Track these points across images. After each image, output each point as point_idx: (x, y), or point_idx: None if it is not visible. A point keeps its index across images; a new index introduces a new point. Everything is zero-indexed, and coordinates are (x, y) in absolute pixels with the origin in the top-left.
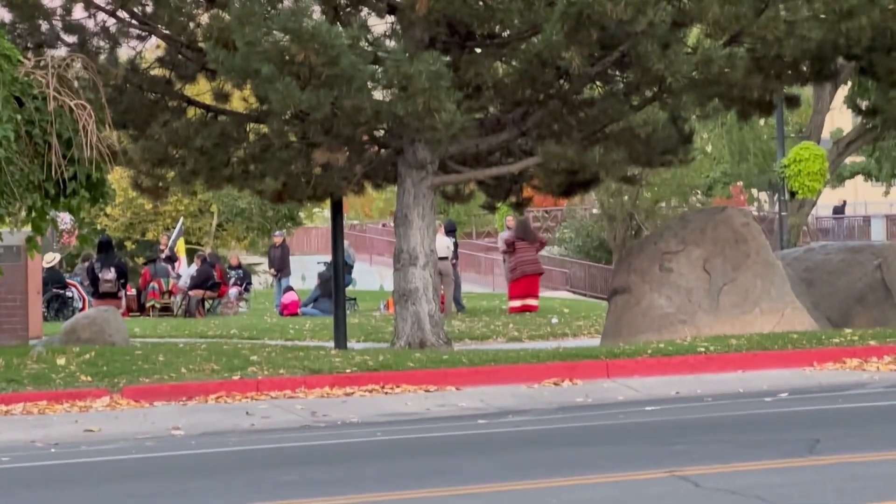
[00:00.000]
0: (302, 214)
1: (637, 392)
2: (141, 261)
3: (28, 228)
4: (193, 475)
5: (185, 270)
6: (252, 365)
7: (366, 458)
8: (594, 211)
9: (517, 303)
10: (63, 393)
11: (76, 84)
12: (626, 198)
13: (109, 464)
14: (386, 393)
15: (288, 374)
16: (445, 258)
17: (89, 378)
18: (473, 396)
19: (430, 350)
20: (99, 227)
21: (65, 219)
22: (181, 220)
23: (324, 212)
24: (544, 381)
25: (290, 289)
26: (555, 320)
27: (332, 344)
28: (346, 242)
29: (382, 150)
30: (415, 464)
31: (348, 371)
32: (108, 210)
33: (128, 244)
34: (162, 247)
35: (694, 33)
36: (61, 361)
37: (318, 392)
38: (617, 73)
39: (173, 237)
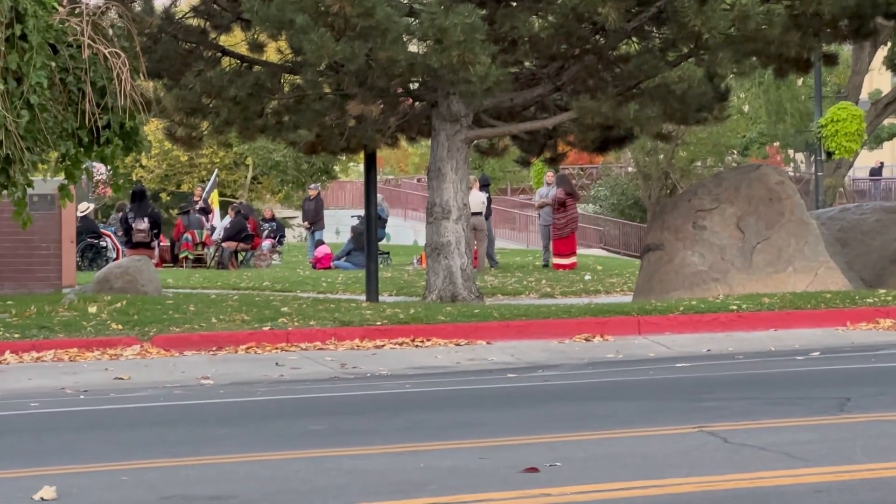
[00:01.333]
0: (337, 168)
1: (668, 349)
2: (175, 212)
3: (61, 176)
4: (220, 423)
5: (219, 222)
6: (283, 316)
7: (394, 409)
8: (630, 169)
9: (568, 260)
10: (94, 341)
11: (111, 32)
12: (661, 156)
13: (137, 411)
14: (416, 346)
15: (318, 325)
16: (479, 213)
17: (120, 326)
18: (504, 351)
19: (461, 304)
20: (134, 178)
21: (100, 169)
22: (216, 171)
23: (358, 166)
24: (575, 336)
25: (321, 242)
26: (588, 277)
27: (363, 297)
28: (379, 196)
29: (417, 103)
30: (442, 416)
31: (379, 324)
32: (144, 161)
33: (163, 196)
34: (196, 198)
35: None
36: (93, 309)
37: (349, 344)
38: (653, 28)
39: (207, 189)
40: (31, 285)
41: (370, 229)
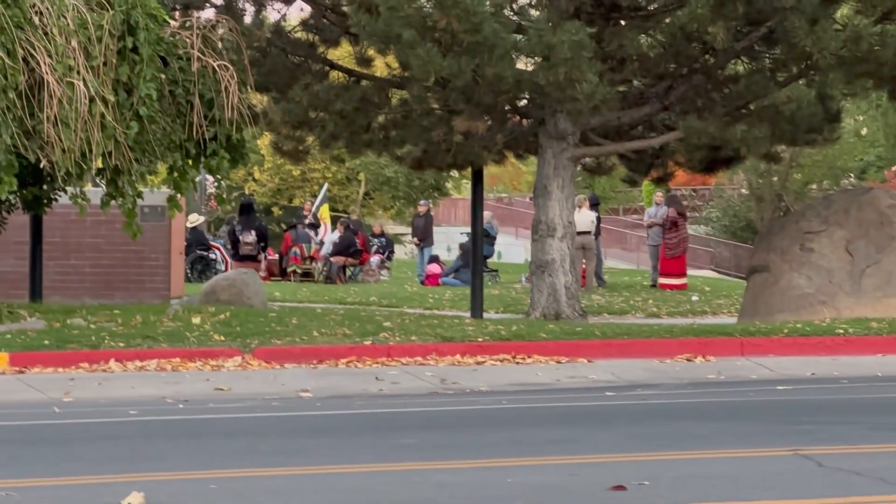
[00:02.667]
0: (449, 185)
1: (771, 371)
2: (283, 226)
3: (171, 188)
4: (314, 435)
5: (329, 237)
6: (384, 331)
7: (488, 425)
8: (742, 191)
9: (677, 280)
10: (196, 351)
11: (220, 45)
12: (775, 178)
13: (233, 421)
14: (517, 363)
15: (420, 341)
16: (588, 232)
17: (222, 338)
18: (605, 369)
19: (563, 322)
20: (247, 191)
21: (213, 182)
22: (325, 186)
23: (466, 182)
24: (677, 356)
25: (436, 258)
26: (695, 298)
27: (469, 314)
28: (488, 214)
29: (524, 120)
30: (536, 432)
31: (480, 340)
32: (257, 175)
33: (275, 210)
34: (305, 212)
35: (843, 10)
36: (196, 320)
37: (449, 360)
38: (763, 48)
39: (317, 203)
40: (140, 296)
41: (476, 246)
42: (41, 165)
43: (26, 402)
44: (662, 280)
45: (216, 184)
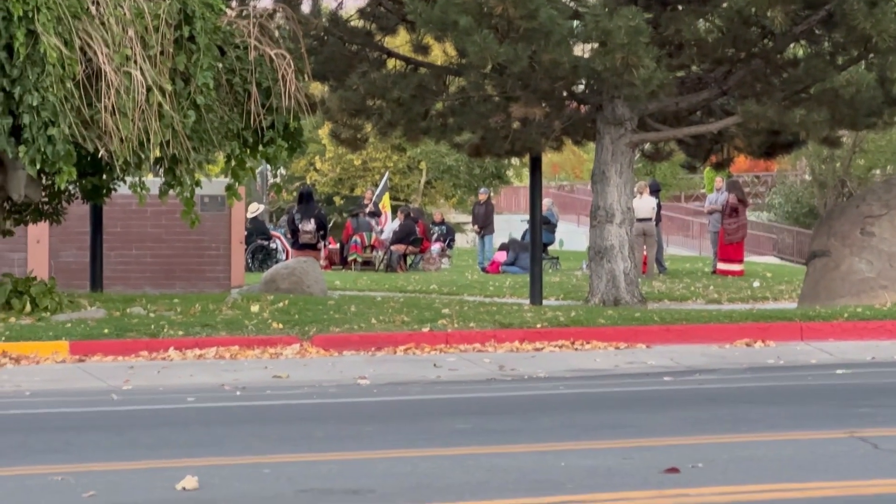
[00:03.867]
0: (510, 173)
1: (831, 355)
2: (344, 215)
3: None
4: (369, 421)
5: (389, 225)
6: (443, 318)
7: (544, 410)
8: (805, 177)
9: (736, 266)
10: (255, 339)
11: (277, 34)
12: (838, 164)
13: (289, 407)
14: (576, 349)
15: (478, 327)
16: (649, 219)
17: (281, 326)
18: (663, 354)
19: (622, 308)
20: (308, 181)
21: (277, 173)
22: (386, 175)
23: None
24: (736, 341)
25: (505, 246)
26: (756, 284)
27: (528, 301)
28: (548, 201)
29: (582, 107)
30: (591, 417)
31: (538, 326)
32: (318, 165)
33: (336, 199)
34: (366, 201)
35: None
36: (255, 309)
37: (508, 346)
38: (822, 32)
39: (378, 192)
40: (200, 285)
41: (534, 233)
42: (99, 155)
43: (86, 390)
44: (721, 266)
45: (274, 173)
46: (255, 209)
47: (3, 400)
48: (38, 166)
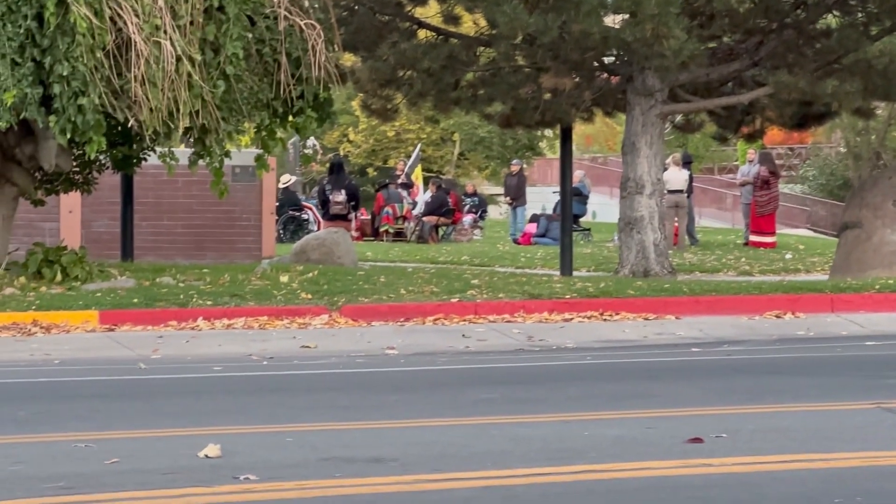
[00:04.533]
0: (542, 145)
1: (861, 327)
2: (375, 187)
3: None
4: (395, 390)
5: (421, 197)
6: (472, 289)
7: (570, 380)
8: (840, 149)
9: (767, 238)
10: (283, 309)
11: (307, 4)
12: (873, 136)
13: (316, 377)
14: (605, 320)
15: (507, 298)
16: (681, 191)
17: (310, 296)
18: (692, 326)
19: (652, 279)
20: (342, 152)
21: (308, 143)
22: (418, 147)
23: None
24: (766, 313)
25: (536, 218)
26: (788, 256)
27: (559, 272)
28: (580, 173)
29: (612, 77)
30: (617, 387)
31: (568, 297)
32: (352, 136)
33: (369, 170)
34: (398, 172)
35: None
36: (284, 279)
37: (537, 317)
38: (855, 2)
39: (410, 164)
40: (231, 256)
41: (565, 204)
42: (129, 125)
43: (115, 359)
44: (753, 238)
45: (303, 144)
46: (287, 180)
47: (32, 368)
48: (68, 136)
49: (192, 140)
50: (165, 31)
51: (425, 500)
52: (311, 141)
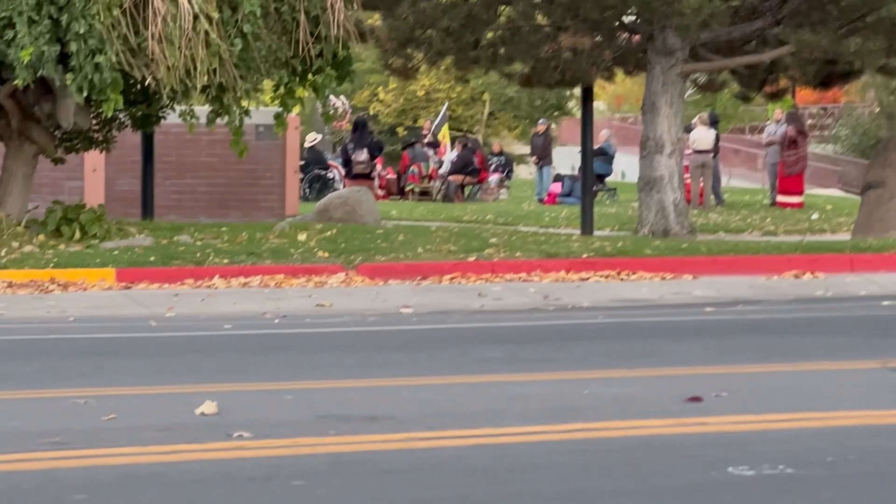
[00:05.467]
0: (571, 104)
1: (881, 287)
2: (399, 147)
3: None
4: (402, 349)
5: (448, 156)
6: (490, 247)
7: (579, 339)
8: (875, 109)
9: (795, 199)
10: (300, 268)
11: None
12: None
13: (326, 335)
14: (622, 279)
15: (524, 257)
16: (708, 151)
17: (327, 254)
18: (709, 285)
19: (670, 238)
20: (371, 112)
21: (336, 102)
22: (445, 105)
23: (596, 103)
24: (784, 273)
25: (560, 178)
26: (815, 216)
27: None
28: (606, 132)
29: (633, 37)
30: (624, 346)
31: (585, 256)
32: (381, 96)
33: (399, 130)
34: (425, 132)
35: None
36: (302, 238)
37: (553, 276)
38: None
39: (437, 122)
40: (254, 215)
41: (586, 164)
42: (146, 83)
43: (129, 317)
44: (780, 198)
45: (323, 102)
46: (313, 138)
47: (46, 325)
48: (85, 94)
49: (210, 98)
50: None
51: (414, 457)
52: (342, 100)
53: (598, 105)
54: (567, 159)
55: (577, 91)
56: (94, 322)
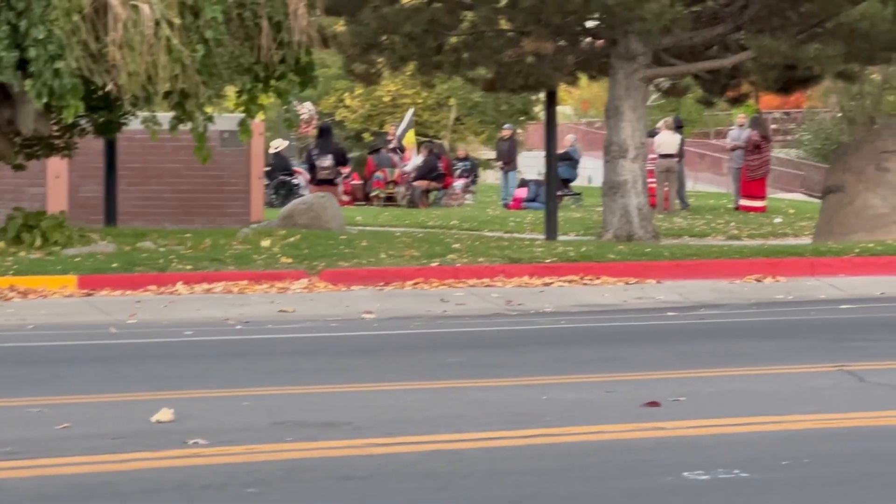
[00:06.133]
0: (537, 109)
1: (840, 291)
2: (366, 151)
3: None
4: (362, 354)
5: (414, 161)
6: (452, 253)
7: (540, 344)
8: (838, 115)
9: (758, 203)
10: (263, 274)
11: None
12: (867, 101)
13: (285, 341)
14: (585, 284)
15: (487, 262)
16: (672, 155)
17: (290, 260)
18: (672, 290)
19: (634, 243)
20: (337, 118)
21: (304, 108)
22: (410, 111)
23: (563, 108)
24: (746, 276)
25: (525, 183)
26: (778, 220)
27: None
28: (571, 137)
29: (597, 42)
30: (585, 351)
31: (548, 261)
32: (348, 101)
33: (366, 135)
34: (390, 137)
35: None
36: (265, 243)
37: (517, 281)
38: None
39: (402, 128)
40: (220, 221)
41: (550, 168)
42: (107, 89)
43: (90, 324)
44: (743, 202)
45: (286, 108)
46: (279, 145)
47: (4, 333)
48: (44, 100)
49: (172, 105)
50: None
51: (371, 464)
52: (308, 106)
53: (565, 110)
54: (534, 164)
55: (543, 96)
56: (54, 330)
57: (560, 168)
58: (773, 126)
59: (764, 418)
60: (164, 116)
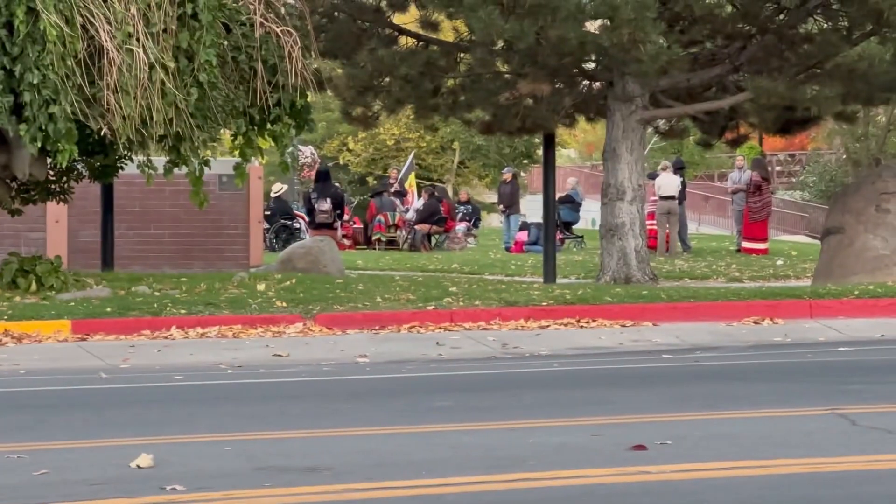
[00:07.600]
0: (539, 152)
1: (840, 333)
2: (368, 195)
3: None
4: (350, 398)
5: (416, 205)
6: (449, 296)
7: (531, 387)
8: (842, 156)
9: (760, 245)
10: (258, 318)
11: (283, 11)
12: (872, 143)
13: (275, 385)
14: (581, 327)
15: (483, 305)
16: (673, 197)
17: (285, 304)
18: (669, 332)
19: (632, 285)
20: (341, 161)
21: (305, 152)
22: (412, 154)
23: (567, 150)
24: (744, 319)
25: (526, 226)
26: (780, 262)
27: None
28: (573, 180)
29: (594, 84)
30: (575, 394)
31: (544, 304)
32: (351, 145)
33: (369, 179)
34: (392, 180)
35: None
36: (261, 287)
37: (513, 324)
38: (837, 6)
39: (403, 171)
40: (219, 265)
41: (548, 211)
42: (102, 133)
43: (82, 369)
44: (745, 244)
45: (281, 152)
46: (279, 189)
47: None
48: (39, 144)
49: (165, 147)
50: (138, 39)
51: None
52: (311, 149)
53: (570, 153)
54: (538, 207)
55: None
56: (45, 375)
57: (562, 211)
58: (777, 168)
59: (752, 462)
60: (160, 160)
